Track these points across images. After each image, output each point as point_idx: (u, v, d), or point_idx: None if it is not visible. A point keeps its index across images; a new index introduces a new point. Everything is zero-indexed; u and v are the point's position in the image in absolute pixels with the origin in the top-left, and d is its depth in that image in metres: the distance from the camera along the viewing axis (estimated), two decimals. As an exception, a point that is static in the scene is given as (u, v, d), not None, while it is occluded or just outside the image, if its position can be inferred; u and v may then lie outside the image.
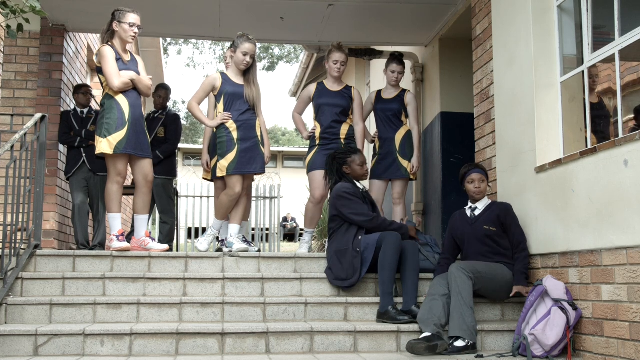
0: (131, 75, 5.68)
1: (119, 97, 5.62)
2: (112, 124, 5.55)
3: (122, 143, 5.55)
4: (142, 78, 5.77)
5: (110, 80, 5.57)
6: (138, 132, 5.67)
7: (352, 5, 7.46)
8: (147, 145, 5.82)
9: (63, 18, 7.78)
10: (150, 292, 5.05)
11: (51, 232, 7.51)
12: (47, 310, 4.69)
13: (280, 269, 5.48)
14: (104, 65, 5.61)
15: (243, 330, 4.47)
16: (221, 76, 5.93)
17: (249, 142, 5.79)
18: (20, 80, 7.74)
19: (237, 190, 5.73)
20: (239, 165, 5.72)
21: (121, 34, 5.73)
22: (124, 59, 5.73)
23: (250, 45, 5.87)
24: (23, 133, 5.25)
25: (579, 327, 4.43)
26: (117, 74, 5.58)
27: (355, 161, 5.45)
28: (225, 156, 5.73)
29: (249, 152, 5.77)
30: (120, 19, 5.72)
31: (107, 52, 5.61)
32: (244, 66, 5.89)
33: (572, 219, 4.49)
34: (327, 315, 4.92)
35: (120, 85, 5.58)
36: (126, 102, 5.63)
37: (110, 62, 5.59)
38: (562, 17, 5.09)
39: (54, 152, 7.60)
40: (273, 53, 26.10)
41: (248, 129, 5.81)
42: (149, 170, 5.80)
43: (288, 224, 23.13)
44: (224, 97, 5.85)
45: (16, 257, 5.10)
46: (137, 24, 5.77)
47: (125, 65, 5.69)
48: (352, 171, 5.45)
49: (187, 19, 7.93)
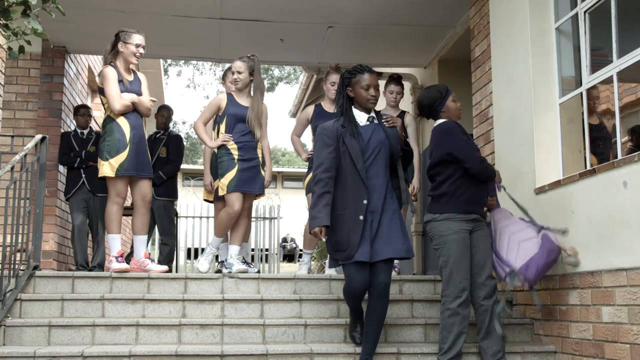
0: (132, 97, 5.67)
1: (119, 119, 5.61)
2: (113, 147, 5.55)
3: (124, 165, 5.56)
4: (143, 100, 5.76)
5: (111, 103, 5.57)
6: (139, 152, 5.68)
7: (352, 27, 7.51)
8: (148, 165, 5.82)
9: (64, 40, 7.83)
10: (149, 314, 5.03)
11: (50, 253, 7.50)
12: (45, 332, 4.67)
13: (279, 290, 5.46)
14: (105, 88, 5.60)
15: (242, 352, 4.45)
16: (227, 97, 5.93)
17: (250, 162, 5.79)
18: (20, 101, 7.78)
19: (236, 208, 5.70)
20: (239, 183, 5.71)
21: (126, 55, 5.72)
22: (126, 79, 5.72)
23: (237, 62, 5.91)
24: (23, 154, 5.26)
25: (580, 349, 4.41)
26: (118, 97, 5.57)
27: (360, 82, 4.44)
28: (225, 175, 5.73)
29: (250, 171, 5.78)
30: (126, 40, 5.71)
31: (109, 74, 5.61)
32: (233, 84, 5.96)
33: (571, 240, 4.48)
34: (326, 337, 4.89)
35: (121, 109, 5.58)
36: (127, 124, 5.63)
37: (112, 84, 5.58)
38: (560, 39, 5.12)
39: (54, 172, 7.61)
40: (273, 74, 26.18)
41: (249, 150, 5.81)
42: (148, 191, 5.79)
43: (287, 244, 23.08)
44: (226, 118, 5.84)
45: (15, 278, 5.09)
46: (142, 45, 5.78)
47: (126, 87, 5.68)
48: (355, 94, 4.47)
49: (188, 40, 7.98)
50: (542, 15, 5.18)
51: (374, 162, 4.33)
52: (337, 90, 4.52)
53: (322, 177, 4.28)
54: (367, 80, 4.40)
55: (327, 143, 4.33)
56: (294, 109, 14.92)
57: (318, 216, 4.24)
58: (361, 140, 4.33)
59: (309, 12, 7.17)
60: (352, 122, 4.39)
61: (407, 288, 5.56)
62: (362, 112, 4.46)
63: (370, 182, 4.28)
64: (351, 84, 4.45)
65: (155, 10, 7.16)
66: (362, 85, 4.41)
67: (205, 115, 5.94)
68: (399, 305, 5.24)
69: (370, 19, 7.26)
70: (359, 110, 4.46)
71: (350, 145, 4.30)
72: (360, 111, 4.46)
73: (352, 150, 4.29)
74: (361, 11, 7.12)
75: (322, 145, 4.35)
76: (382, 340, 4.86)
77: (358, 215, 4.22)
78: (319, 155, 4.35)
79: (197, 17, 7.30)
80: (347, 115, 4.42)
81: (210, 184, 6.40)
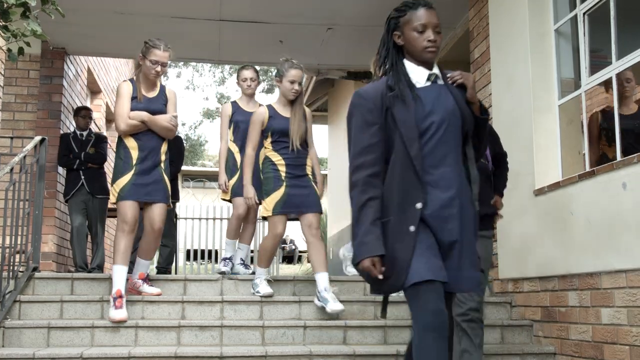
0: (142, 116, 5.00)
1: (127, 140, 5.02)
2: (118, 169, 5.01)
3: (125, 189, 4.95)
4: (157, 119, 5.05)
5: (116, 122, 5.03)
6: (149, 176, 5.02)
7: (351, 29, 7.52)
8: (162, 191, 5.10)
9: (63, 41, 7.83)
10: (148, 315, 5.03)
11: (49, 255, 7.49)
12: (44, 334, 4.67)
13: (279, 292, 5.46)
14: (115, 104, 5.09)
15: (242, 354, 4.45)
16: (268, 110, 5.34)
17: (299, 180, 5.24)
18: (20, 102, 7.77)
19: (279, 231, 5.21)
20: (286, 206, 5.16)
21: (144, 69, 5.10)
22: (143, 95, 5.09)
23: (297, 71, 5.30)
24: (22, 156, 5.26)
25: (579, 351, 4.41)
26: (124, 116, 4.98)
27: (412, 22, 2.98)
28: (271, 194, 5.19)
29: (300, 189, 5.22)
30: (145, 54, 5.10)
31: (121, 89, 5.07)
32: (292, 95, 5.28)
33: (571, 241, 4.48)
34: (325, 339, 4.89)
35: (126, 129, 4.98)
36: (135, 145, 5.01)
37: (121, 101, 5.01)
38: (559, 41, 5.12)
39: (53, 174, 7.60)
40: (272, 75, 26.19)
41: (297, 168, 5.26)
42: (157, 217, 5.07)
43: (287, 246, 23.07)
44: (271, 134, 5.27)
45: (14, 279, 5.09)
46: (162, 62, 5.08)
47: (140, 103, 5.04)
48: (406, 41, 3.01)
49: (188, 42, 7.98)
50: (541, 17, 5.18)
51: (439, 145, 2.88)
52: (381, 40, 3.11)
53: (361, 176, 2.84)
54: (422, 17, 2.95)
55: (367, 120, 2.89)
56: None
57: (366, 241, 2.77)
58: (420, 109, 2.88)
59: (308, 13, 7.17)
60: (404, 82, 2.94)
61: (407, 289, 5.55)
62: (419, 67, 2.98)
63: (430, 175, 2.85)
64: (399, 26, 3.03)
65: (154, 12, 7.16)
66: (415, 26, 2.96)
67: (254, 138, 5.32)
68: (399, 307, 5.24)
69: (369, 20, 7.25)
70: (414, 64, 3.00)
71: (402, 119, 2.86)
72: (416, 65, 2.99)
73: (404, 127, 2.85)
74: (360, 13, 7.12)
75: (361, 124, 2.91)
76: (381, 342, 4.87)
77: (407, 224, 2.80)
78: (355, 140, 2.92)
79: (197, 19, 7.30)
80: (396, 72, 2.97)
81: (225, 183, 5.97)
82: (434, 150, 2.86)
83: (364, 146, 2.87)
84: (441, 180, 2.85)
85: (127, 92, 5.05)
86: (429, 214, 2.82)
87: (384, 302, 3.03)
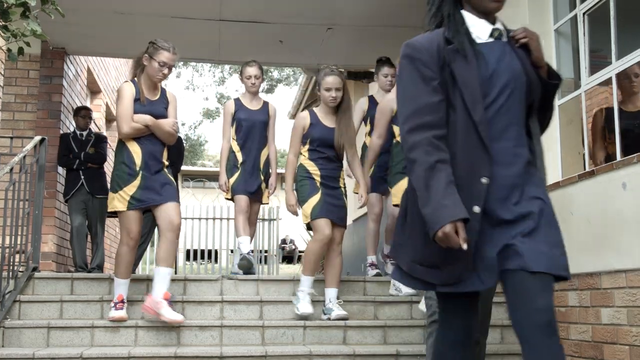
0: (146, 119, 4.81)
1: (130, 144, 4.79)
2: (122, 176, 4.75)
3: (137, 196, 4.72)
4: (160, 123, 4.86)
5: (118, 124, 4.80)
6: (155, 180, 4.81)
7: (351, 29, 7.51)
8: (171, 190, 4.91)
9: (63, 41, 7.82)
10: (148, 315, 5.02)
11: (49, 255, 7.49)
12: (44, 334, 4.67)
13: (279, 292, 5.46)
14: (117, 105, 4.85)
15: (241, 354, 4.45)
16: (310, 115, 5.22)
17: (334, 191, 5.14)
18: (20, 102, 7.77)
19: (326, 233, 4.99)
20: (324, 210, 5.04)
21: (149, 71, 4.89)
22: (145, 97, 4.90)
23: (333, 77, 5.11)
24: (22, 155, 5.26)
25: (579, 351, 4.42)
26: (128, 118, 4.75)
27: None
28: (308, 200, 5.08)
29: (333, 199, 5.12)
30: (152, 54, 4.88)
31: (124, 91, 4.84)
32: (331, 103, 5.13)
33: (571, 241, 4.48)
34: (325, 339, 4.89)
35: (129, 132, 4.76)
36: (138, 150, 4.79)
37: (124, 102, 4.79)
38: (559, 41, 5.12)
39: (53, 174, 7.60)
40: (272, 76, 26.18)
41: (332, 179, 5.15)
42: (174, 213, 4.80)
43: (287, 246, 23.07)
44: (310, 142, 5.16)
45: (14, 279, 5.09)
46: (170, 65, 4.91)
47: (143, 106, 4.84)
48: None
49: (187, 42, 7.97)
50: (541, 17, 5.18)
51: (500, 113, 2.41)
52: None
53: (424, 136, 2.34)
54: None
55: (425, 75, 2.40)
56: (293, 111, 14.92)
57: (446, 204, 2.26)
58: (483, 68, 2.41)
59: (308, 13, 7.17)
60: (464, 35, 2.46)
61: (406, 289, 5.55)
62: (480, 20, 2.51)
63: (495, 144, 2.38)
64: None
65: (154, 12, 7.16)
66: None
67: (295, 144, 5.22)
68: (399, 307, 5.24)
69: (369, 20, 7.25)
70: (475, 17, 2.51)
71: (463, 77, 2.38)
72: (477, 17, 2.51)
73: (466, 88, 2.37)
74: (360, 13, 7.12)
75: (418, 78, 2.42)
76: (381, 342, 4.87)
77: (471, 204, 2.32)
78: (411, 97, 2.42)
79: (197, 19, 7.29)
80: (453, 23, 2.48)
81: (225, 183, 5.84)
82: (493, 120, 2.39)
83: (424, 104, 2.37)
84: (500, 156, 2.37)
85: (130, 93, 4.84)
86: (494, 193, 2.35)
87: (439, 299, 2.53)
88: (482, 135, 2.34)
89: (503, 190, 2.36)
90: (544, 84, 2.55)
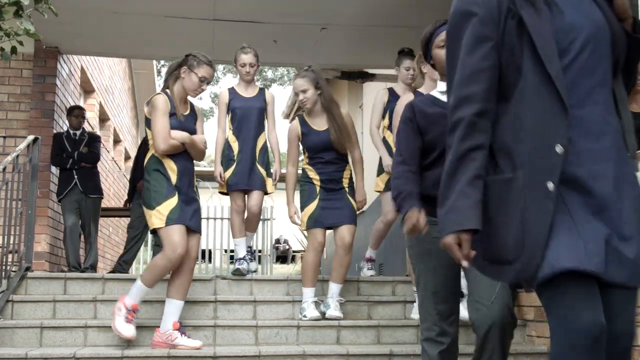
0: (184, 137, 4.58)
1: (165, 161, 4.54)
2: (161, 191, 4.49)
3: (175, 212, 4.46)
4: (197, 141, 4.67)
5: (156, 140, 4.49)
6: (190, 203, 4.60)
7: (345, 29, 7.52)
8: (199, 221, 4.74)
9: (57, 40, 7.80)
10: (141, 315, 5.00)
11: (42, 254, 7.47)
12: (37, 334, 4.66)
13: (272, 292, 5.46)
14: (153, 120, 4.53)
15: (235, 354, 4.44)
16: (300, 125, 5.19)
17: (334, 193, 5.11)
18: (13, 102, 7.74)
19: (318, 240, 5.05)
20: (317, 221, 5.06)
21: (186, 84, 4.64)
22: (180, 112, 4.64)
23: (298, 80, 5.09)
24: (15, 155, 5.25)
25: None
26: (166, 135, 4.48)
27: None
28: (305, 209, 5.11)
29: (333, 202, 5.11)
30: (193, 67, 4.63)
31: (160, 104, 4.53)
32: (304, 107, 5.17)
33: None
34: (319, 339, 4.89)
35: (167, 149, 4.50)
36: (174, 167, 4.56)
37: (161, 117, 4.50)
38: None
39: (46, 174, 7.58)
40: (266, 75, 26.20)
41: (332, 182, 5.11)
42: (194, 247, 4.63)
43: (280, 245, 23.07)
44: (307, 150, 5.19)
45: (7, 279, 5.07)
46: (209, 80, 4.72)
47: (179, 122, 4.60)
48: None
49: (181, 41, 7.96)
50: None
51: (582, 74, 1.98)
52: None
53: (465, 114, 1.98)
54: None
55: (479, 33, 2.00)
56: (287, 110, 14.93)
57: (457, 207, 1.94)
58: (558, 19, 1.99)
59: (302, 13, 7.17)
60: None
61: (400, 289, 5.56)
62: None
63: (579, 111, 1.95)
64: None
65: (148, 11, 7.15)
66: None
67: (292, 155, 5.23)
68: (392, 307, 5.25)
69: (363, 20, 7.26)
70: None
71: (534, 28, 1.96)
72: None
73: (539, 39, 1.95)
74: (354, 12, 7.13)
75: (470, 38, 2.01)
76: (374, 342, 4.88)
77: (544, 180, 1.89)
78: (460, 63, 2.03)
79: (191, 18, 7.29)
80: None
81: (220, 175, 5.57)
82: (574, 81, 1.96)
83: (471, 71, 1.99)
84: (586, 125, 1.93)
85: (166, 107, 4.55)
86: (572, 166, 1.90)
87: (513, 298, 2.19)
88: (561, 92, 1.90)
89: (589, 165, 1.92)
90: (630, 38, 2.12)
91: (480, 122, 1.97)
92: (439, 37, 3.03)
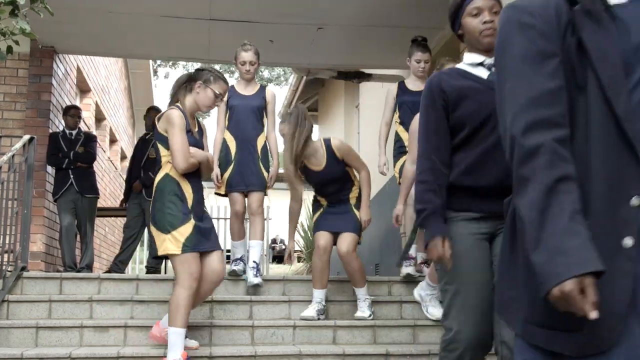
0: (202, 156, 4.37)
1: (182, 181, 4.27)
2: (177, 215, 4.21)
3: (192, 240, 4.20)
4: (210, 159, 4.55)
5: (177, 159, 4.18)
6: (205, 223, 4.38)
7: (341, 29, 7.52)
8: (217, 239, 4.52)
9: (52, 40, 7.79)
10: (137, 315, 5.02)
11: (38, 254, 7.46)
12: (33, 334, 4.65)
13: (268, 292, 5.46)
14: (171, 137, 4.21)
15: (231, 354, 4.45)
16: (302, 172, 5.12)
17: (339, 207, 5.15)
18: (9, 101, 7.73)
19: (320, 244, 5.06)
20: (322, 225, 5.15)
21: (200, 100, 4.42)
22: (193, 129, 4.44)
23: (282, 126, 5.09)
24: (11, 155, 5.24)
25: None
26: (186, 152, 4.20)
27: None
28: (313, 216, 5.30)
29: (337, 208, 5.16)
30: (209, 83, 4.41)
31: (177, 120, 4.22)
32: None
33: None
34: (315, 339, 4.89)
35: (187, 168, 4.22)
36: (189, 188, 4.30)
37: (181, 134, 4.21)
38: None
39: (42, 173, 7.57)
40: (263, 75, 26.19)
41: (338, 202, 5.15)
42: (220, 265, 4.39)
43: (277, 245, 23.08)
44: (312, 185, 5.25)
45: (2, 279, 5.06)
46: (223, 97, 4.58)
47: (195, 139, 4.40)
48: None
49: (177, 41, 7.98)
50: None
51: None
52: None
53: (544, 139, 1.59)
54: None
55: (540, 48, 1.65)
56: (284, 110, 14.93)
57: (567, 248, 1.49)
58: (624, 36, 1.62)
59: (298, 13, 7.17)
60: None
61: (396, 289, 5.57)
62: None
63: None
64: None
65: (144, 11, 7.14)
66: None
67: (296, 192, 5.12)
68: (388, 307, 5.25)
69: (359, 20, 7.27)
70: None
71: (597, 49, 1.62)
72: None
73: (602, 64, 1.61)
74: (350, 13, 7.13)
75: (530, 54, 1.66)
76: (370, 342, 4.88)
77: (620, 235, 1.56)
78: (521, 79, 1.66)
79: (186, 18, 7.29)
80: None
81: (217, 176, 5.45)
82: None
83: (541, 91, 1.62)
84: None
85: (183, 123, 4.27)
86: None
87: None
88: (629, 135, 1.56)
89: None
90: None
91: (562, 150, 1.59)
92: (471, 4, 2.82)
